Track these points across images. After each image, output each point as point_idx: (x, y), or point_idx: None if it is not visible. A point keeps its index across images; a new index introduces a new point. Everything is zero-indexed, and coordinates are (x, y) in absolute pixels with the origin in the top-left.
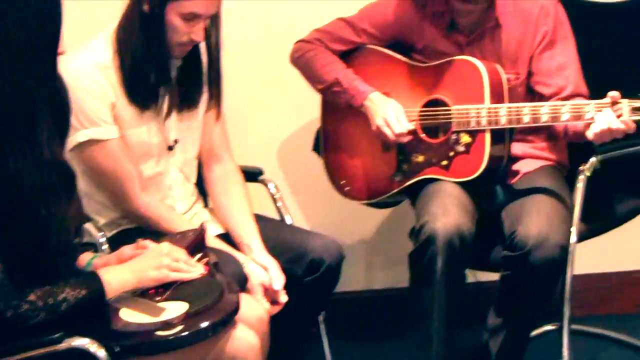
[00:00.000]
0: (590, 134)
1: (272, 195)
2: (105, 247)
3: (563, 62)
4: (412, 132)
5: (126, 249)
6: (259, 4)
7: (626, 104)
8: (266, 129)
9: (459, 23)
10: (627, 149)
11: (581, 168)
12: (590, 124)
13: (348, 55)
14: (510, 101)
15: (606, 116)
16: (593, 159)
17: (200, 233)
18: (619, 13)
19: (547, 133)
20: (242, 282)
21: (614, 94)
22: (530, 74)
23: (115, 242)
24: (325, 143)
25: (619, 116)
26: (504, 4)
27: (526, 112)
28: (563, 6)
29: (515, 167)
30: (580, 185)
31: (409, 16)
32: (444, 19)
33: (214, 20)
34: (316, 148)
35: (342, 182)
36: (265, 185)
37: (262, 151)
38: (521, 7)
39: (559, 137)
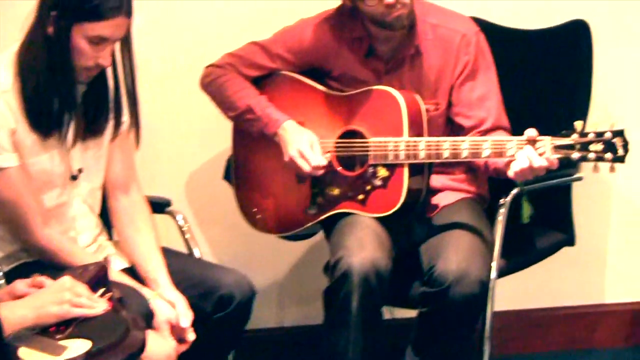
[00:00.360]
0: (511, 172)
1: (181, 228)
2: (2, 282)
3: (484, 94)
4: (328, 164)
5: (19, 285)
6: (166, 27)
7: (548, 142)
8: (174, 158)
9: (378, 50)
10: (546, 182)
11: (501, 201)
12: (511, 161)
13: (261, 82)
14: (430, 132)
15: (527, 154)
16: (514, 191)
17: (103, 267)
18: (543, 40)
19: (466, 166)
20: (148, 319)
21: (531, 133)
22: (450, 105)
23: (13, 277)
24: (237, 173)
25: (541, 154)
26: (424, 31)
27: (446, 147)
28: (485, 33)
29: (434, 200)
30: (500, 218)
31: (325, 41)
32: (362, 45)
33: (125, 44)
34: (227, 177)
35: (253, 214)
36: (173, 216)
37: (170, 181)
38: (442, 35)
39: (479, 171)
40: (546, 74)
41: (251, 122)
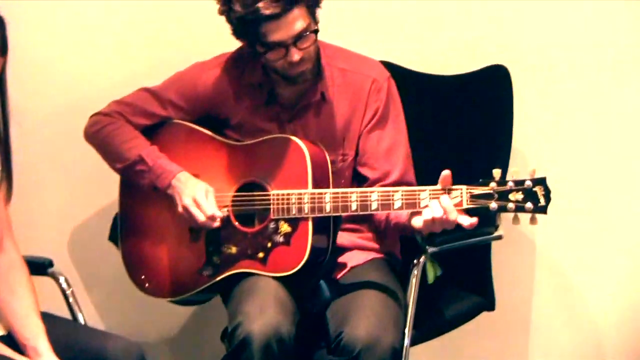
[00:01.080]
0: (419, 222)
1: (63, 291)
2: None
3: (391, 145)
4: (225, 220)
5: None
6: (47, 68)
7: (465, 191)
8: (56, 213)
9: (280, 96)
10: (463, 242)
11: (415, 262)
12: (416, 213)
13: (152, 132)
14: (336, 186)
15: (443, 203)
16: (430, 249)
17: None
18: (460, 85)
19: (369, 223)
20: None
21: (445, 173)
22: (357, 155)
23: None
24: (124, 231)
25: (457, 204)
26: (332, 77)
27: (354, 199)
28: (398, 79)
29: (342, 259)
30: (413, 281)
31: (222, 87)
32: (262, 91)
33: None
34: (113, 237)
35: (142, 277)
36: (55, 279)
37: (52, 239)
38: (351, 81)
39: (380, 228)
40: (464, 121)
41: (142, 174)
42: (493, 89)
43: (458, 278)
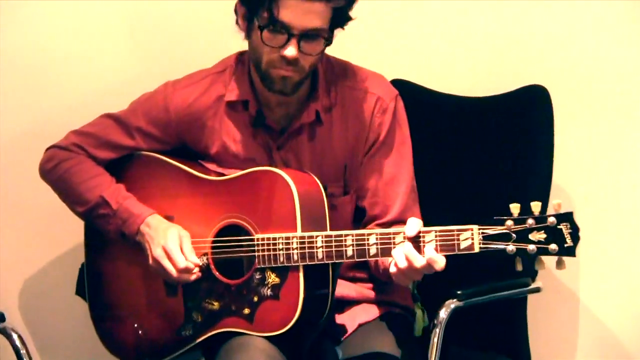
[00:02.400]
0: (394, 270)
1: (17, 350)
2: None
3: (393, 176)
4: (204, 269)
5: None
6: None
7: (476, 232)
8: (11, 264)
9: (269, 118)
10: (492, 295)
11: (436, 321)
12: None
13: (118, 166)
14: (333, 226)
15: (405, 251)
16: (452, 305)
17: None
18: (485, 108)
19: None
20: None
21: (411, 226)
22: (358, 187)
23: None
24: (92, 284)
25: (467, 248)
26: (330, 94)
27: (349, 243)
28: (412, 98)
29: (348, 315)
30: (435, 340)
31: (200, 109)
32: (249, 112)
33: None
34: (81, 290)
35: (113, 337)
36: (7, 335)
37: (4, 293)
38: (352, 99)
39: (377, 275)
40: (493, 149)
41: (106, 219)
42: (529, 111)
43: (487, 337)
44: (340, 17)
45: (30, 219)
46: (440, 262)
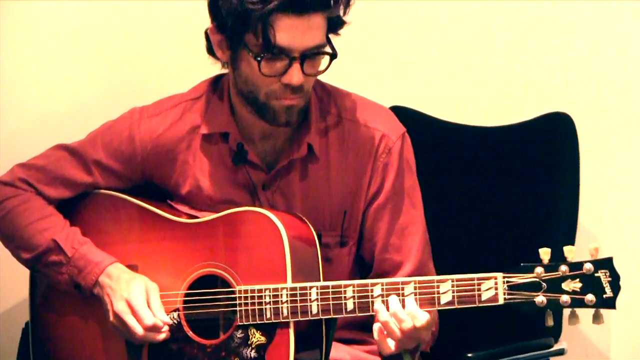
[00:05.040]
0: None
1: None
2: None
3: (405, 227)
4: (174, 328)
5: None
6: None
7: (501, 280)
8: None
9: (251, 152)
10: (511, 357)
11: None
12: None
13: (72, 206)
14: (332, 278)
15: (392, 307)
16: None
17: None
18: (499, 139)
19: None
20: None
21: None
22: (361, 237)
23: None
24: (37, 348)
25: (490, 299)
26: (326, 126)
27: (349, 295)
28: (419, 130)
29: None
30: None
31: (169, 141)
32: (228, 146)
33: None
34: (24, 354)
35: None
36: None
37: None
38: (352, 134)
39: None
40: (510, 183)
41: (57, 268)
42: (551, 143)
43: None
44: (334, 24)
45: None
46: (421, 319)
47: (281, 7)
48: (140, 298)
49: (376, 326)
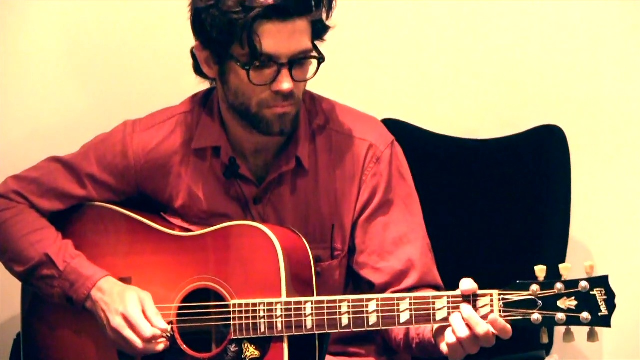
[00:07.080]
0: (444, 347)
1: None
2: None
3: (403, 235)
4: (168, 340)
5: None
6: None
7: (496, 297)
8: None
9: (243, 166)
10: None
11: None
12: (443, 328)
13: (65, 219)
14: (322, 291)
15: (466, 316)
16: None
17: None
18: (491, 152)
19: (378, 343)
20: None
21: (467, 285)
22: (352, 250)
23: None
24: (29, 357)
25: (485, 315)
26: (314, 138)
27: (344, 310)
28: (411, 143)
29: None
30: None
31: (162, 155)
32: (220, 160)
33: None
34: None
35: None
36: None
37: None
38: (339, 145)
39: (398, 350)
40: (502, 198)
41: (49, 281)
42: (543, 155)
43: None
44: (318, 30)
45: None
46: (508, 332)
47: (264, 14)
48: (136, 309)
49: (452, 335)
